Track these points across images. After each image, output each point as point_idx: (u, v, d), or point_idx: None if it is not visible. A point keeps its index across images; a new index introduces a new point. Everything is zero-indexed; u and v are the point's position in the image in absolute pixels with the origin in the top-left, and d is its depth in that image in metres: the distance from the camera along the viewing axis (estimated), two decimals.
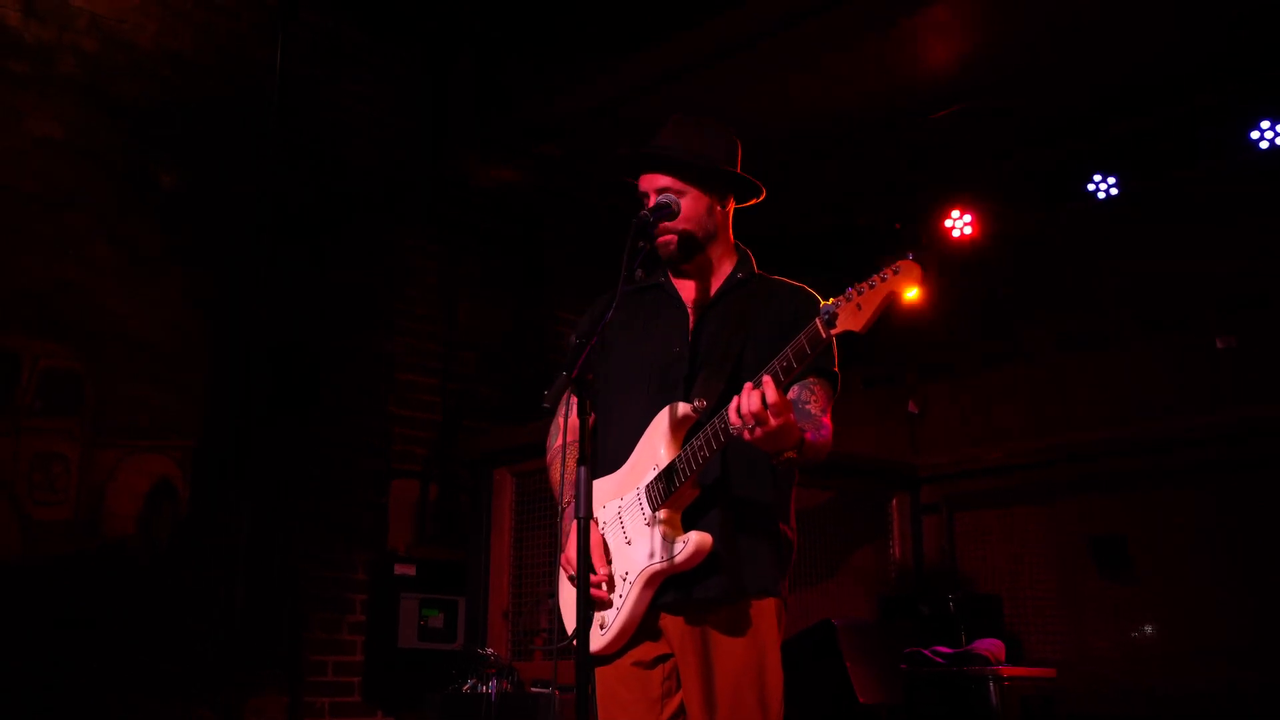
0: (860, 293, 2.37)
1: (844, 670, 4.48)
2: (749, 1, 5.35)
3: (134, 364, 5.48)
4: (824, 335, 2.41)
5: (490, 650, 5.00)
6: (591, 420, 3.10)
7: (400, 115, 6.72)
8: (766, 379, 2.45)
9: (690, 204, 2.92)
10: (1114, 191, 6.12)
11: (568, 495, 2.98)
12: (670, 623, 2.78)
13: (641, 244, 2.85)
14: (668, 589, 2.74)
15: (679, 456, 2.70)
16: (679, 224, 2.89)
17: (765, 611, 2.78)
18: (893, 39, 5.68)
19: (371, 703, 5.91)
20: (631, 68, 6.02)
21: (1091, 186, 6.16)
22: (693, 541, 2.68)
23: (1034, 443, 5.99)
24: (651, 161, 2.94)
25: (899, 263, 2.36)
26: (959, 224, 6.48)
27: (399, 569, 6.03)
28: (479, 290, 6.92)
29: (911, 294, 6.48)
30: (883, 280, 2.35)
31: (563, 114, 6.38)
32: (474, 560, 5.41)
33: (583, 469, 2.48)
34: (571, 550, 2.80)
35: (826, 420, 2.78)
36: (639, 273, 2.75)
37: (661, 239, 2.89)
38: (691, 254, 2.94)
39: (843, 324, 2.38)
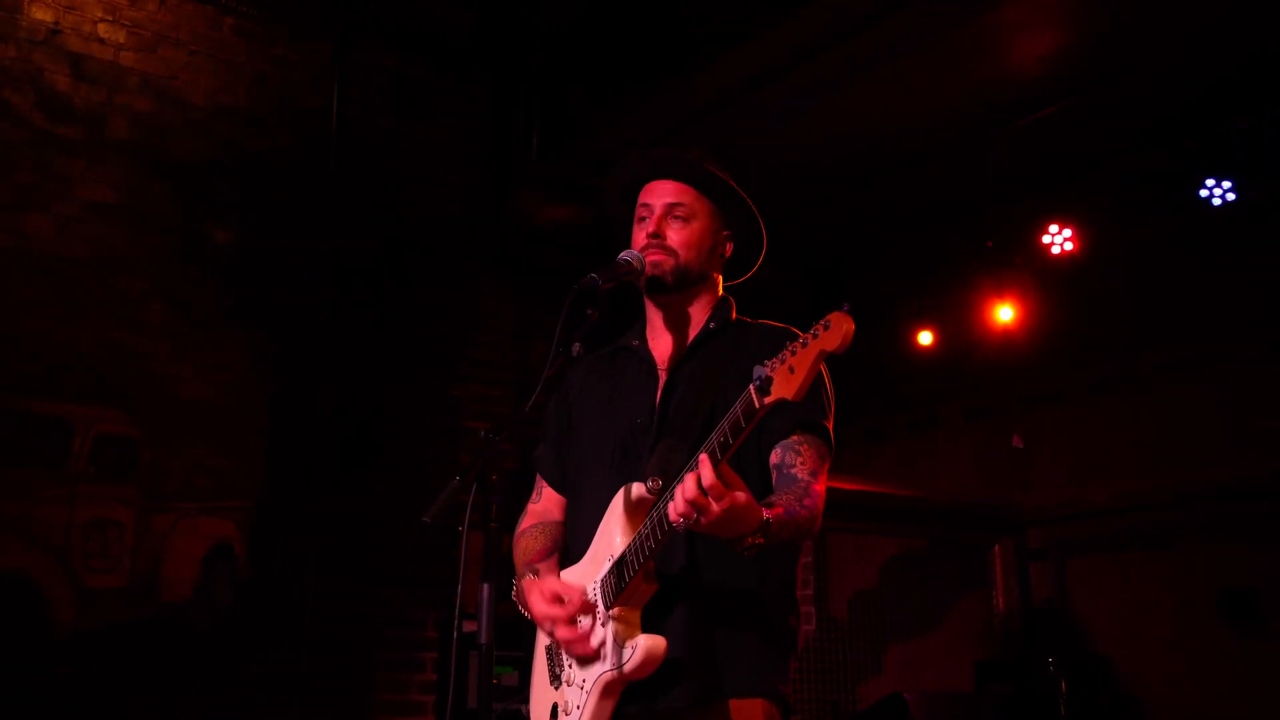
0: (794, 353, 2.05)
1: None
2: (811, 7, 4.94)
3: (191, 426, 5.42)
4: (757, 404, 2.08)
5: None
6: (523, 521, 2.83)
7: (463, 155, 6.53)
8: (703, 459, 2.11)
9: (699, 230, 2.61)
10: (1230, 197, 5.44)
11: (519, 573, 2.72)
12: None
13: (589, 311, 2.51)
14: (630, 699, 2.42)
15: (629, 547, 2.38)
16: (679, 248, 2.58)
17: (751, 715, 2.41)
18: (971, 39, 5.17)
19: None
20: (691, 88, 5.68)
21: (1205, 192, 5.50)
22: (640, 648, 2.36)
23: (1151, 481, 5.35)
24: (671, 166, 2.61)
25: (829, 316, 2.04)
26: (1058, 239, 5.88)
27: (469, 626, 5.78)
28: (552, 331, 6.64)
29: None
30: (813, 338, 2.03)
31: (624, 141, 6.07)
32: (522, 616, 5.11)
33: (485, 587, 2.16)
34: (540, 605, 2.50)
35: (818, 486, 2.42)
36: (577, 347, 2.41)
37: (654, 257, 2.57)
38: (677, 288, 2.61)
39: (777, 390, 2.06)
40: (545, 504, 2.82)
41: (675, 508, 2.13)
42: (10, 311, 5.04)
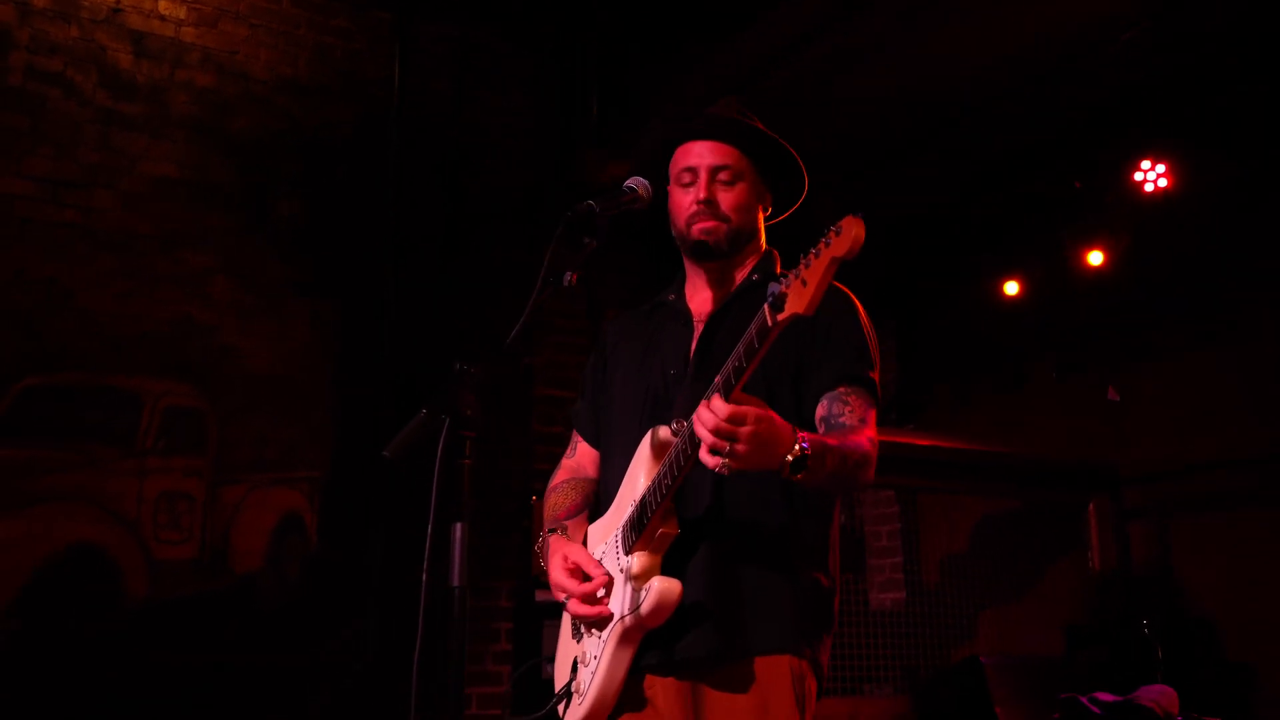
0: (806, 265, 1.89)
1: (993, 717, 3.78)
2: None
3: (258, 398, 5.43)
4: (770, 322, 1.94)
5: None
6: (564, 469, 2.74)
7: (526, 120, 6.43)
8: (715, 398, 2.00)
9: (746, 191, 2.50)
10: None
11: (545, 526, 2.63)
12: (658, 686, 2.32)
13: (587, 240, 2.38)
14: (649, 648, 2.30)
15: (649, 488, 2.27)
16: (731, 213, 2.46)
17: (778, 674, 2.27)
18: None
19: None
20: (753, 38, 5.44)
21: None
22: (654, 590, 2.24)
23: (1258, 435, 4.96)
24: (717, 128, 2.48)
25: (840, 222, 1.87)
26: (1151, 176, 5.48)
27: (542, 596, 5.71)
28: (625, 297, 6.52)
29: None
30: (826, 246, 1.88)
31: (688, 96, 5.86)
32: None
33: (458, 526, 2.06)
34: (557, 574, 2.41)
35: (868, 431, 2.28)
36: (571, 277, 2.28)
37: (706, 224, 2.45)
38: (732, 253, 2.50)
39: (790, 306, 1.91)
40: (579, 459, 2.72)
41: (704, 445, 2.00)
42: (78, 287, 5.11)
